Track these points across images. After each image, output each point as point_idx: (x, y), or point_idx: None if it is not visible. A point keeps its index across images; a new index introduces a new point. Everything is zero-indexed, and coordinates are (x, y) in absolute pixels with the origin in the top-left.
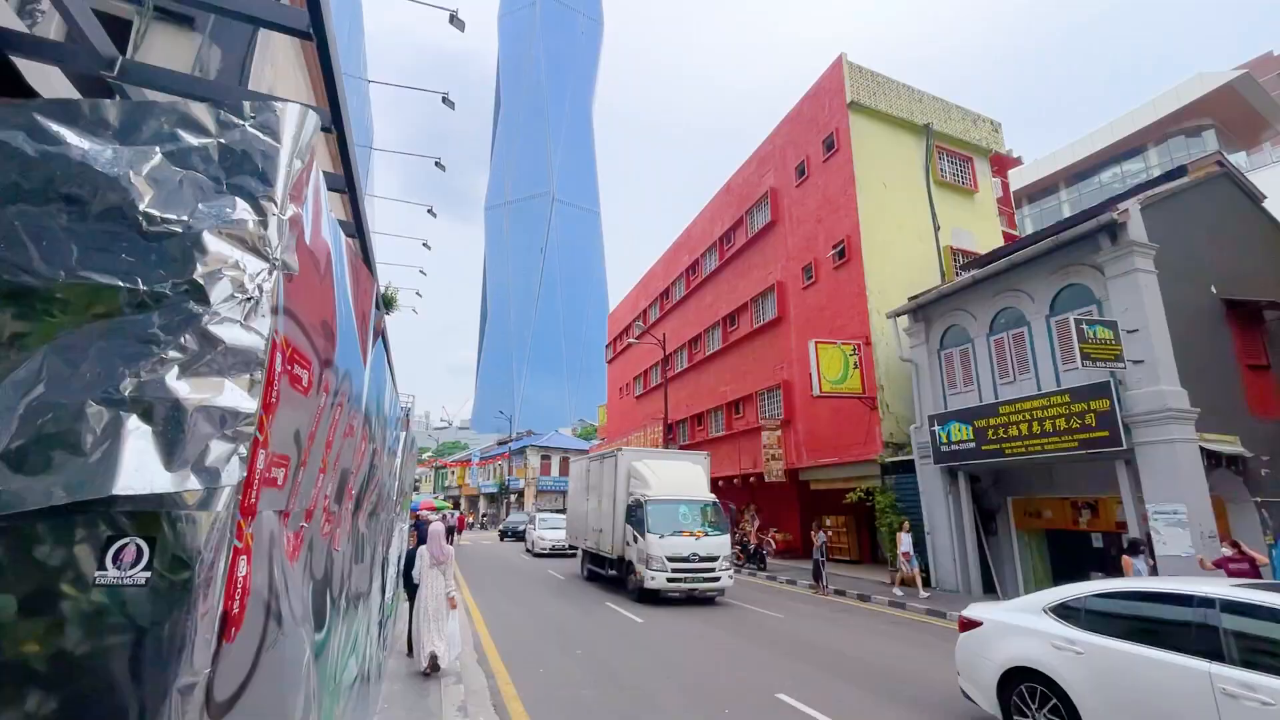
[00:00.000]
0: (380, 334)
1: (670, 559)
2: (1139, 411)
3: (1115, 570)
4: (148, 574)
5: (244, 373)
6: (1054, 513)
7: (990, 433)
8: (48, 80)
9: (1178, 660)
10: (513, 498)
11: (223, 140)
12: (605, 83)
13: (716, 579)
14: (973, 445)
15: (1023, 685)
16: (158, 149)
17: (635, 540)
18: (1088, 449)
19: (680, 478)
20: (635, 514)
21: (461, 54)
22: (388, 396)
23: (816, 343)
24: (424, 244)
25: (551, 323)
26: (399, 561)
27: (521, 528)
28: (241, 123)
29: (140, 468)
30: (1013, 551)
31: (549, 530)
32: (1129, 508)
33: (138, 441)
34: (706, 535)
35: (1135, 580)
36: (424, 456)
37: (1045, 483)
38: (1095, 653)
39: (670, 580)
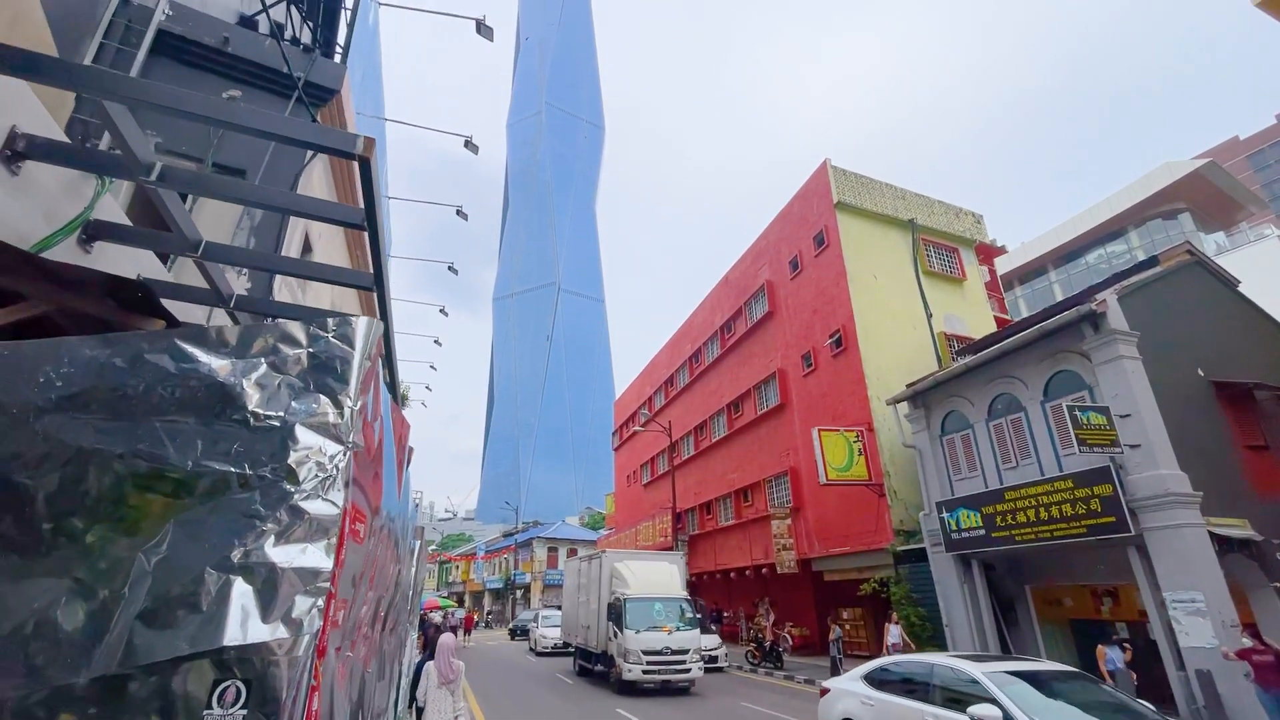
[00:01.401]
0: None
1: (645, 652)
2: (1142, 496)
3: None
4: (244, 711)
5: (323, 538)
6: (1075, 601)
7: (999, 519)
8: (137, 259)
9: (913, 704)
10: (518, 593)
11: (311, 350)
12: (608, 177)
13: (687, 670)
14: (982, 532)
15: None
16: (263, 360)
17: (615, 636)
18: (1096, 535)
19: (656, 577)
20: (615, 611)
21: (471, 157)
22: (409, 509)
23: (820, 430)
24: (435, 341)
25: (558, 409)
26: (410, 672)
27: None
28: (326, 334)
29: (243, 622)
30: (1036, 642)
31: (551, 628)
32: (1146, 595)
33: (241, 600)
34: (678, 630)
35: (898, 656)
36: (428, 550)
37: (1062, 570)
38: (879, 704)
39: (645, 672)
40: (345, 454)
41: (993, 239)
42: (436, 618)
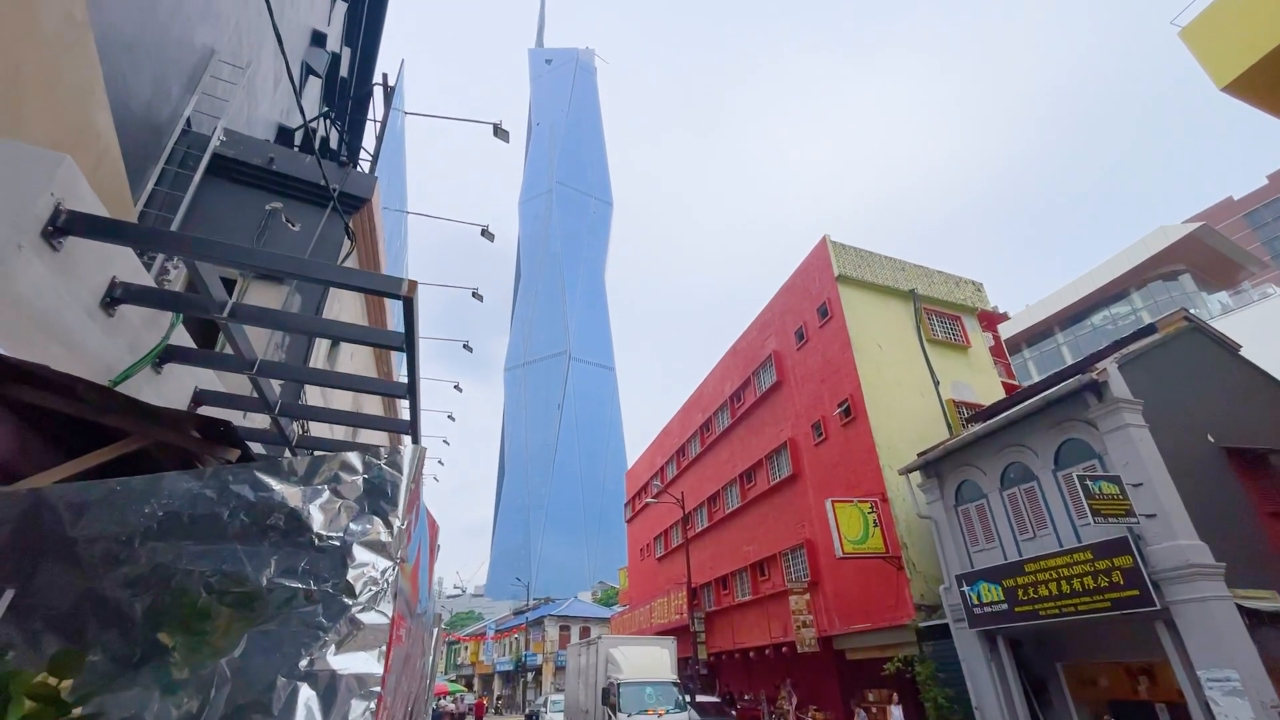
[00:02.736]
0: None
1: None
2: (1164, 568)
3: None
4: None
5: (375, 646)
6: (1110, 680)
7: (1020, 592)
8: (193, 373)
9: None
10: (529, 676)
11: (366, 476)
12: (616, 247)
13: None
14: (1005, 607)
15: None
16: (326, 488)
17: (610, 719)
18: (1121, 609)
19: (647, 661)
20: (609, 696)
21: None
22: (432, 601)
23: (834, 502)
24: (449, 416)
25: (570, 480)
26: None
27: None
28: (379, 462)
29: None
30: None
31: (557, 713)
32: (1180, 674)
33: (307, 703)
34: (668, 713)
35: None
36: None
37: (1092, 646)
38: None
39: None
40: (394, 568)
41: (994, 305)
42: (450, 706)
